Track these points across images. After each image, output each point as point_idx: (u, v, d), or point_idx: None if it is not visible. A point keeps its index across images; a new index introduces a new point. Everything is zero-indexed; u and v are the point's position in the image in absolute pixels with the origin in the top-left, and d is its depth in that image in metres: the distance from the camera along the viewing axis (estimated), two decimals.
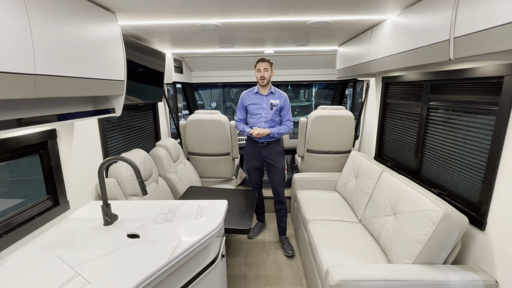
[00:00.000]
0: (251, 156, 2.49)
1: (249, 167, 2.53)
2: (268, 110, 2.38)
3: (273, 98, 2.39)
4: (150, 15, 1.59)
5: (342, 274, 1.30)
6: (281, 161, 2.46)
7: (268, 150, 2.42)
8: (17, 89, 0.86)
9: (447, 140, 1.65)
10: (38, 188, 1.42)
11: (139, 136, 2.58)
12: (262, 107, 2.39)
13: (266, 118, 2.39)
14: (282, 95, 2.42)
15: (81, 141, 1.66)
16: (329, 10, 1.57)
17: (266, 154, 2.43)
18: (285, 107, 2.42)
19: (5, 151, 1.21)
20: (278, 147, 2.46)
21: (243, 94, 2.48)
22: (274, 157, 2.43)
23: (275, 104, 2.38)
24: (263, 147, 2.43)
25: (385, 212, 1.77)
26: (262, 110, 2.39)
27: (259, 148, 2.43)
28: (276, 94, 2.41)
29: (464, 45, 1.05)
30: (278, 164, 2.44)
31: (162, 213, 1.51)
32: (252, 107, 2.42)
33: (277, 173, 2.46)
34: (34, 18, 0.92)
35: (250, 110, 2.43)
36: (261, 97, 2.40)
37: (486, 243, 1.31)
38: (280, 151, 2.46)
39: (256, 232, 2.72)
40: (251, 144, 2.48)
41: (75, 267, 1.05)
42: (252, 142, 2.46)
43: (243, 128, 2.41)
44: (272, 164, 2.44)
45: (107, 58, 1.35)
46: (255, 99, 2.41)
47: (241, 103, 2.48)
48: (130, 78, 1.65)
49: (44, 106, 1.16)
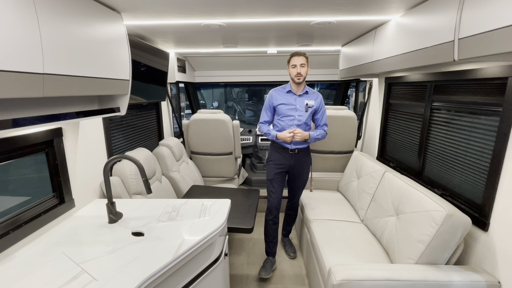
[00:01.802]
0: (277, 165, 2.11)
1: (272, 177, 2.13)
2: (302, 112, 2.04)
3: (308, 99, 2.06)
4: (155, 15, 1.60)
5: (344, 274, 1.31)
6: (307, 171, 2.22)
7: (297, 159, 2.10)
8: (26, 88, 0.87)
9: (451, 140, 1.66)
10: (43, 186, 1.44)
11: (143, 135, 2.60)
12: (296, 108, 2.04)
13: (300, 121, 2.04)
14: (317, 95, 2.11)
15: (86, 140, 1.68)
16: (333, 11, 1.57)
17: (295, 163, 2.11)
18: (320, 109, 2.10)
19: (12, 149, 1.22)
20: (308, 157, 2.18)
21: (272, 92, 2.12)
22: (303, 168, 2.15)
23: (311, 105, 2.05)
24: (293, 155, 2.08)
25: (387, 212, 1.77)
26: (295, 112, 2.04)
27: (288, 156, 2.08)
28: (311, 94, 2.09)
29: (468, 46, 1.06)
30: (304, 177, 2.20)
31: (166, 212, 1.52)
32: (282, 108, 2.06)
33: (301, 184, 2.23)
34: (43, 18, 0.93)
35: (280, 111, 2.07)
36: (294, 96, 2.06)
37: (489, 244, 1.31)
38: (310, 162, 2.21)
39: (269, 271, 2.15)
40: (279, 151, 2.10)
41: (81, 264, 1.06)
42: (281, 149, 2.09)
43: (268, 131, 2.08)
44: (299, 175, 2.17)
45: (112, 58, 1.37)
46: (287, 98, 2.06)
47: (269, 103, 2.12)
48: (134, 77, 1.66)
49: (51, 105, 1.18)
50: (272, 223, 2.15)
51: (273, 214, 2.13)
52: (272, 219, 2.14)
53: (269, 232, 2.17)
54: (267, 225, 2.17)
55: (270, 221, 2.15)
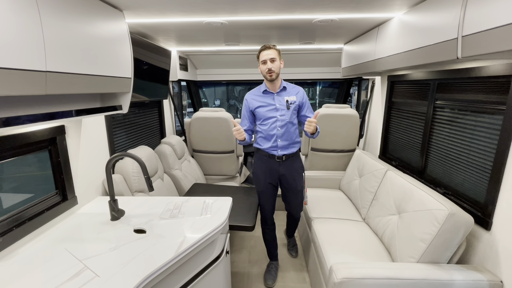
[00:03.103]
0: (264, 175, 1.92)
1: (260, 190, 1.96)
2: (284, 111, 1.82)
3: (288, 95, 1.85)
4: (157, 13, 1.60)
5: (346, 272, 1.31)
6: (301, 180, 1.97)
7: (287, 167, 1.89)
8: (29, 86, 0.87)
9: (453, 139, 1.64)
10: (45, 184, 1.45)
11: (145, 133, 2.60)
12: (276, 107, 1.83)
13: (283, 121, 1.82)
14: (298, 89, 1.90)
15: (89, 138, 1.68)
16: (336, 8, 1.56)
17: (284, 172, 1.89)
18: (305, 104, 1.89)
19: (16, 147, 1.23)
20: (298, 163, 1.94)
21: (247, 97, 1.90)
22: (294, 176, 1.92)
23: (292, 102, 1.83)
24: (280, 162, 1.87)
25: (389, 211, 1.76)
26: (277, 112, 1.83)
27: (275, 164, 1.88)
28: (290, 90, 1.88)
29: (472, 44, 1.05)
30: (298, 186, 1.94)
31: (168, 209, 1.53)
32: (261, 111, 1.84)
33: (297, 196, 1.98)
34: (46, 16, 0.93)
35: (260, 114, 1.85)
36: (272, 95, 1.85)
37: (492, 243, 1.30)
38: (301, 167, 1.96)
39: (274, 277, 2.08)
40: (265, 160, 1.89)
41: (84, 261, 1.07)
42: (266, 158, 1.88)
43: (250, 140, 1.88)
44: (291, 186, 1.94)
45: (115, 56, 1.37)
46: (264, 99, 1.85)
47: (246, 109, 1.90)
48: (136, 75, 1.67)
49: (53, 103, 1.18)
50: (269, 231, 2.07)
51: (268, 223, 2.04)
52: (268, 227, 2.06)
53: (267, 239, 2.10)
54: (264, 233, 2.09)
55: (266, 229, 2.07)
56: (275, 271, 2.12)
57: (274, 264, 2.17)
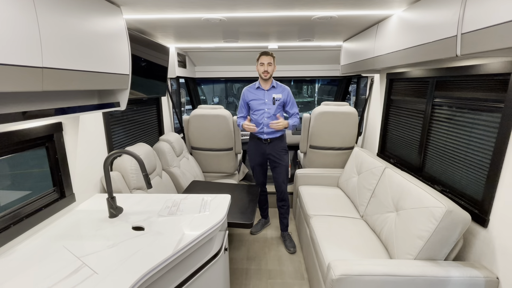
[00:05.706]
0: (254, 153, 2.47)
1: (253, 165, 2.53)
2: (270, 105, 2.33)
3: (275, 93, 2.34)
4: (155, 9, 1.58)
5: (344, 269, 1.32)
6: (285, 158, 2.45)
7: (272, 147, 2.40)
8: (25, 82, 0.87)
9: (452, 137, 1.65)
10: (43, 181, 1.44)
11: (143, 131, 2.59)
12: (265, 102, 2.34)
13: (269, 114, 2.34)
14: (284, 88, 2.37)
15: (86, 135, 1.68)
16: (335, 5, 1.56)
17: (270, 151, 2.40)
18: (289, 101, 2.38)
19: (12, 144, 1.22)
20: (282, 144, 2.43)
21: (245, 91, 2.43)
22: (278, 154, 2.41)
23: (278, 99, 2.33)
24: (267, 144, 2.39)
25: (387, 208, 1.77)
26: (265, 105, 2.34)
27: (263, 145, 2.40)
28: (278, 88, 2.36)
29: (472, 41, 1.05)
30: (282, 161, 2.42)
31: (166, 207, 1.53)
32: (254, 103, 2.36)
33: (281, 171, 2.44)
34: (42, 11, 0.92)
35: (253, 106, 2.38)
36: (263, 92, 2.35)
37: (488, 240, 1.31)
38: (284, 147, 2.44)
39: (259, 228, 2.74)
40: (255, 142, 2.45)
41: (82, 258, 1.07)
42: (256, 140, 2.43)
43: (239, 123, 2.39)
44: (276, 161, 2.42)
45: (112, 52, 1.36)
46: (257, 94, 2.35)
47: (243, 100, 2.43)
48: (134, 72, 1.65)
49: (50, 100, 1.17)
50: (262, 196, 2.65)
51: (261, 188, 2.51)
52: (261, 193, 2.60)
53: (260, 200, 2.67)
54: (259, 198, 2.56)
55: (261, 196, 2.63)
56: (261, 225, 2.79)
57: (262, 220, 2.82)
